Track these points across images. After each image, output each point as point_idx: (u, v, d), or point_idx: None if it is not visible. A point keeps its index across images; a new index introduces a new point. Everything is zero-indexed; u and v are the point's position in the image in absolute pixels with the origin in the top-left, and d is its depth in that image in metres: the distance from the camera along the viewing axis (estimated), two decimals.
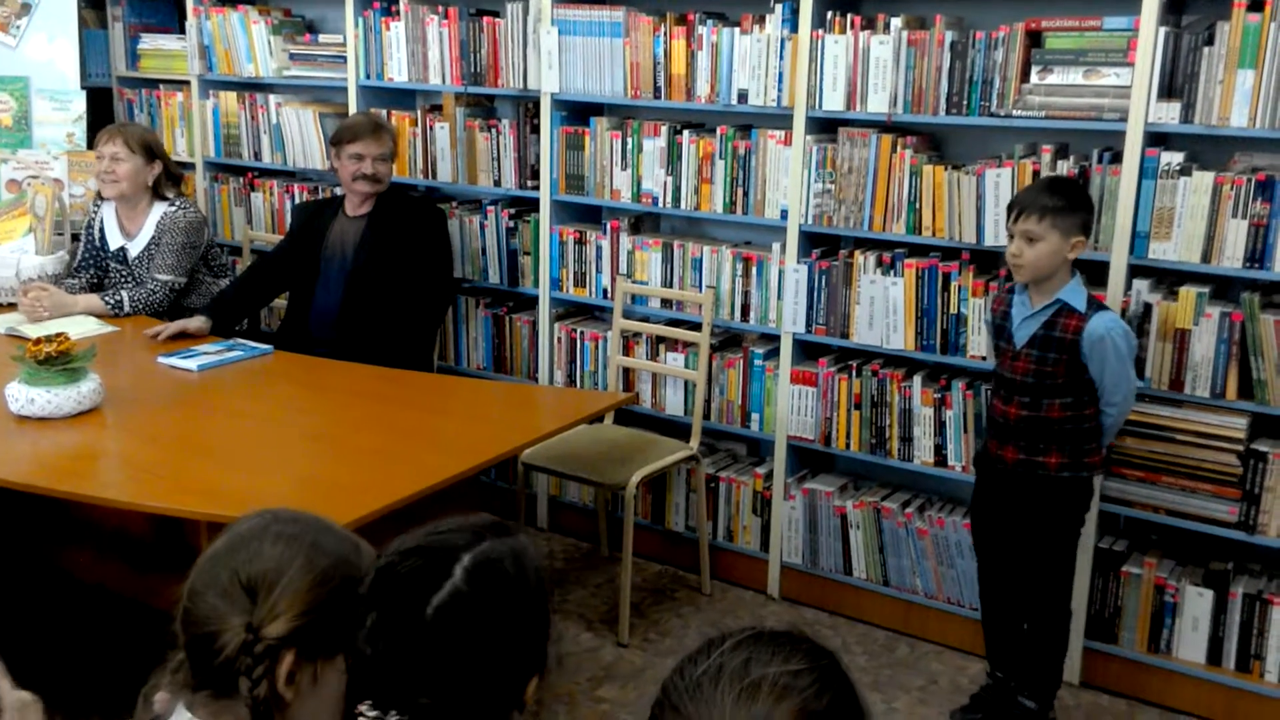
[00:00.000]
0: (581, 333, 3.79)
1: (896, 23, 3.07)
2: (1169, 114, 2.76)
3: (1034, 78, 2.91)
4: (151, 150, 3.72)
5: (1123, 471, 2.93)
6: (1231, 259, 2.74)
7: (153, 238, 3.68)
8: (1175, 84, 2.76)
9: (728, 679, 1.01)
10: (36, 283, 3.57)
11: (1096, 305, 2.63)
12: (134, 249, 3.71)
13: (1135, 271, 2.88)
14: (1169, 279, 2.92)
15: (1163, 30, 2.73)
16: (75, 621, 3.00)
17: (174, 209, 3.70)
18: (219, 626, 1.26)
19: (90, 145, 3.81)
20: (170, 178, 3.78)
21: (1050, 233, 2.56)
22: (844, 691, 1.03)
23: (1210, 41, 2.70)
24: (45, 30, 4.40)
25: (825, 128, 3.29)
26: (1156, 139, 2.85)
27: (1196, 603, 2.90)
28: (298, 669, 1.26)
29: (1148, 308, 2.85)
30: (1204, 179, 2.74)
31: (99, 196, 3.81)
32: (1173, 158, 2.78)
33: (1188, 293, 2.81)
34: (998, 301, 2.81)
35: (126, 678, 1.38)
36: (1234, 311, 2.76)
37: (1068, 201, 2.58)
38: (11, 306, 3.59)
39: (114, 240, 3.75)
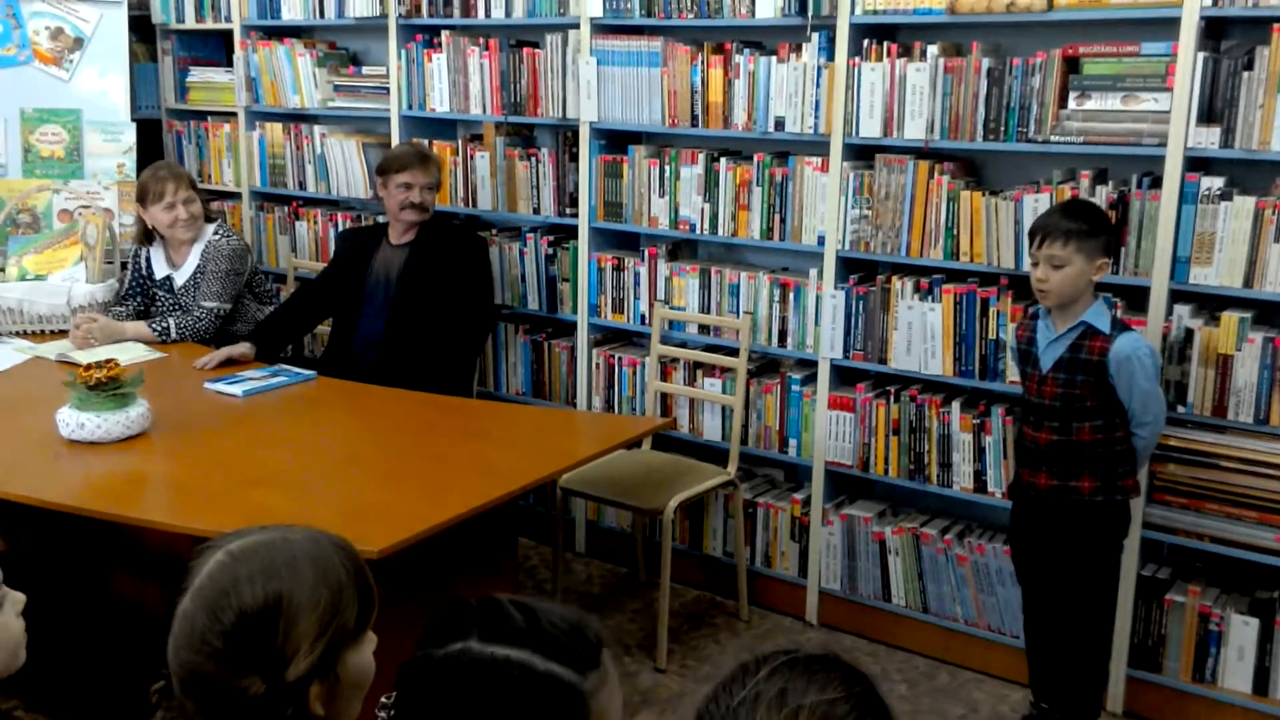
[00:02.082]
0: (619, 358, 3.81)
1: (933, 50, 3.08)
2: (1209, 139, 2.74)
3: (1072, 103, 2.91)
4: (196, 184, 3.82)
5: (1166, 498, 2.90)
6: (1274, 284, 2.71)
7: (198, 266, 3.75)
8: (1215, 109, 2.74)
9: (765, 708, 1.01)
10: (86, 313, 3.64)
11: (1121, 326, 2.62)
12: (180, 278, 3.78)
13: (1176, 297, 2.86)
14: (1210, 304, 2.90)
15: (1201, 55, 2.72)
16: (123, 643, 3.04)
17: (218, 237, 3.77)
18: (236, 685, 1.20)
19: (138, 184, 3.84)
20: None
21: (1075, 256, 2.55)
22: (880, 718, 1.03)
23: (1250, 66, 2.69)
24: (97, 64, 4.51)
25: (862, 154, 3.30)
26: (1196, 164, 2.84)
27: (1242, 631, 2.86)
28: (325, 684, 1.23)
29: (1189, 333, 2.83)
30: (1245, 204, 2.72)
31: (147, 239, 3.83)
32: (1213, 183, 2.76)
33: (1230, 318, 2.78)
34: (1021, 328, 2.80)
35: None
36: (1277, 337, 2.73)
37: (1090, 225, 2.57)
38: (63, 333, 3.67)
39: (160, 270, 3.82)
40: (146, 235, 3.82)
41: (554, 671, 1.13)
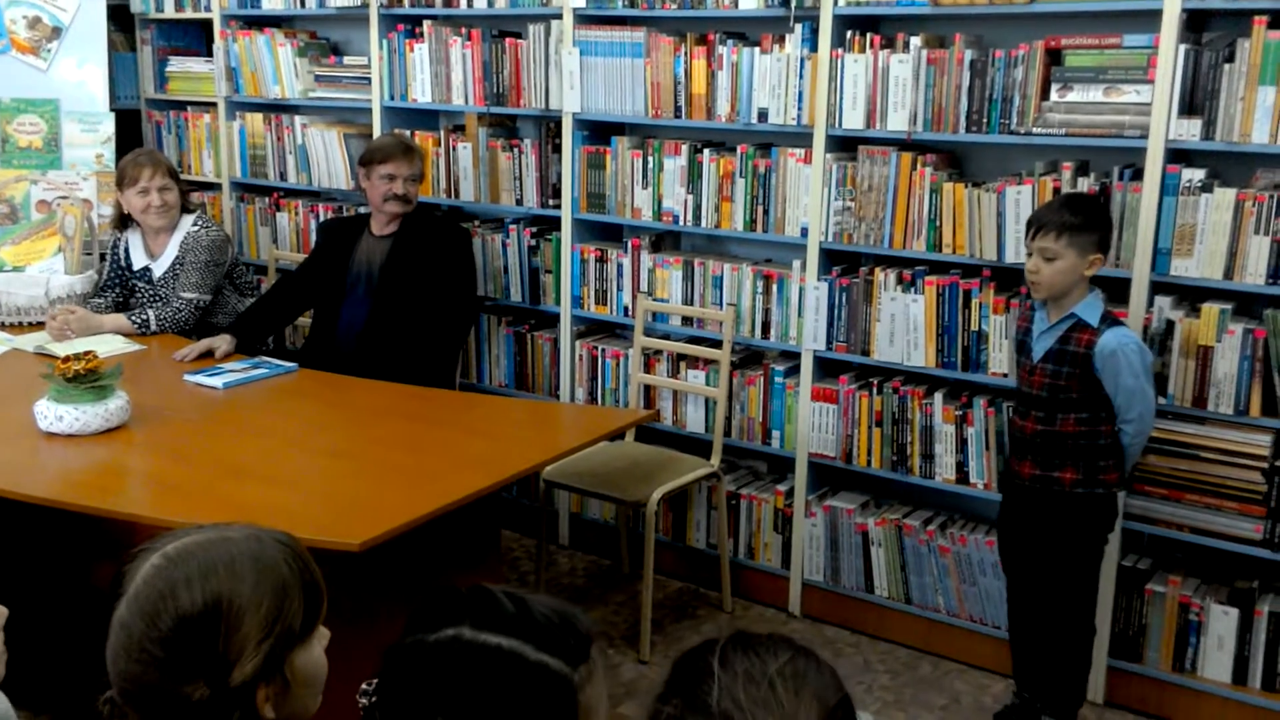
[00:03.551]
0: (603, 350, 3.80)
1: (916, 41, 3.08)
2: (1190, 131, 2.76)
3: (1054, 95, 2.91)
4: (176, 174, 3.79)
5: (1146, 489, 2.92)
6: (1254, 275, 2.73)
7: (176, 257, 3.72)
8: (1196, 101, 2.76)
9: (744, 691, 1.04)
10: (63, 306, 3.61)
11: (1111, 320, 2.63)
12: (158, 269, 3.75)
13: (1157, 288, 2.88)
14: (1191, 296, 2.91)
15: (1183, 48, 2.73)
16: (105, 637, 3.02)
17: (197, 228, 3.74)
18: (179, 693, 1.17)
19: (118, 168, 3.84)
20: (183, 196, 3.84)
21: (1067, 250, 2.56)
22: (831, 671, 1.11)
23: (1231, 59, 2.70)
24: (75, 54, 4.47)
25: (845, 146, 3.30)
26: (1177, 156, 2.85)
27: (1221, 621, 2.88)
28: (272, 686, 1.21)
29: (1170, 325, 2.84)
30: (1226, 196, 2.74)
31: (121, 224, 3.83)
32: (1194, 174, 2.78)
33: (1210, 310, 2.80)
34: (1022, 318, 2.82)
35: None
36: (1257, 328, 2.75)
37: (1085, 219, 2.59)
38: (41, 325, 3.64)
39: (138, 260, 3.79)
40: (122, 221, 3.81)
41: (545, 662, 1.12)
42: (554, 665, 1.12)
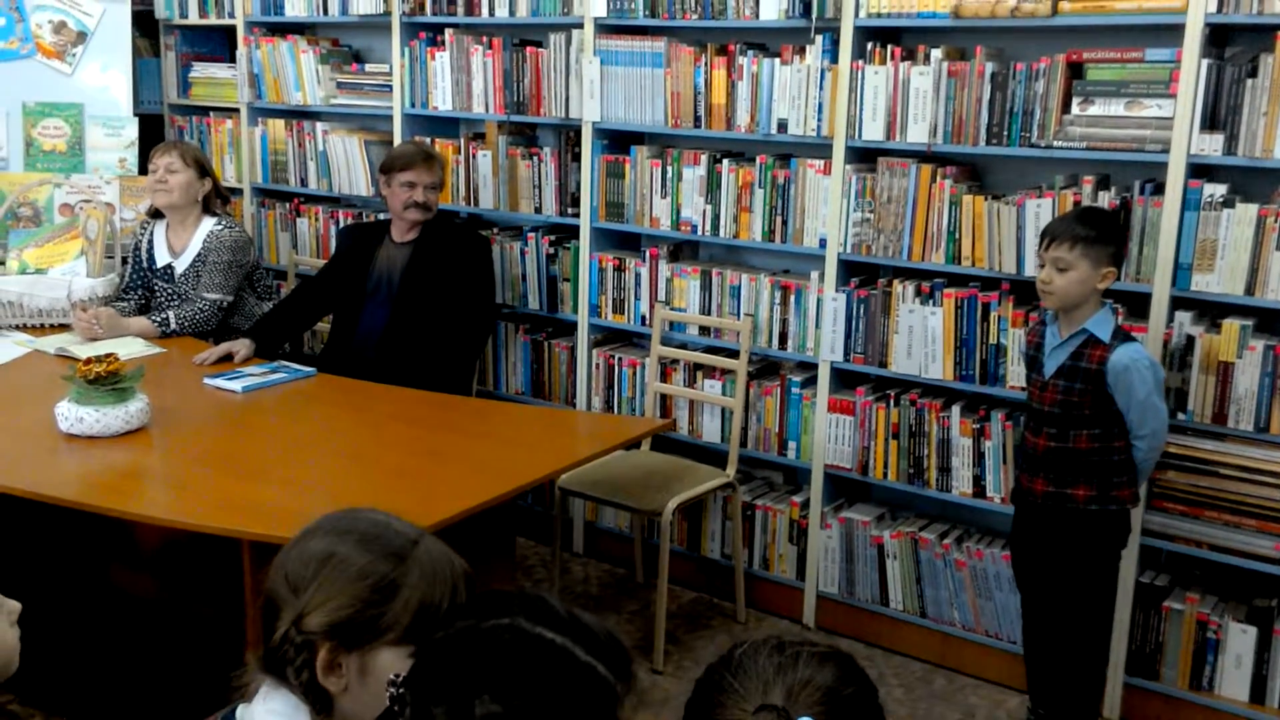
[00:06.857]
0: (620, 359, 3.81)
1: (936, 54, 3.08)
2: (1212, 146, 2.74)
3: (1075, 109, 2.90)
4: (204, 167, 3.80)
5: (1165, 505, 2.90)
6: (1276, 291, 2.71)
7: (199, 255, 3.74)
8: (1218, 116, 2.74)
9: (766, 654, 1.15)
10: (93, 306, 3.64)
11: (1123, 336, 2.61)
12: (180, 266, 3.77)
13: (1178, 304, 2.86)
14: (1212, 311, 2.90)
15: (1205, 62, 2.72)
16: (126, 637, 3.03)
17: (220, 227, 3.77)
18: (278, 619, 1.32)
19: (142, 170, 3.88)
20: (219, 196, 3.86)
21: (1081, 261, 2.55)
22: (860, 678, 1.17)
23: (1254, 74, 2.69)
24: (100, 59, 4.51)
25: (864, 157, 3.30)
26: (1199, 171, 2.84)
27: (1240, 640, 2.86)
28: (339, 659, 1.29)
29: (1190, 340, 2.83)
30: (1247, 211, 2.72)
31: (150, 217, 3.88)
32: (1216, 190, 2.76)
33: (1231, 325, 2.78)
34: (1031, 334, 2.80)
35: (173, 691, 1.40)
36: (1278, 345, 2.73)
37: (1099, 232, 2.57)
38: (63, 327, 3.67)
39: (161, 258, 3.82)
40: (156, 210, 3.86)
41: (594, 666, 1.15)
42: (602, 671, 1.16)
